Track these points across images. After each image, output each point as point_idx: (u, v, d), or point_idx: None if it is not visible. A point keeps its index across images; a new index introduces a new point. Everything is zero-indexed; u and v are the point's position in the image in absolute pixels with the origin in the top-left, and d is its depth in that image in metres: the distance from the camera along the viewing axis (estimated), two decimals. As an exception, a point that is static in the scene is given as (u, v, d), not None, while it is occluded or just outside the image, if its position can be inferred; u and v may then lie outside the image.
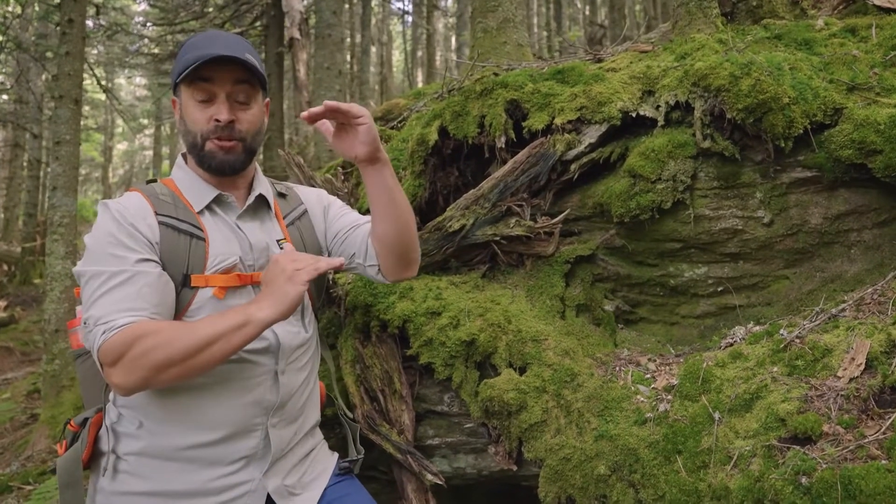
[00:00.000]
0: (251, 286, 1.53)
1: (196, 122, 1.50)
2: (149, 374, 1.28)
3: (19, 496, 4.24)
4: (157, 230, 1.44)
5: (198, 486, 1.46)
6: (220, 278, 1.47)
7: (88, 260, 1.41)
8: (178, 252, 1.45)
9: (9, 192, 17.17)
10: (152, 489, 1.46)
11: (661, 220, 2.28)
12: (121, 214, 1.43)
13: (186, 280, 1.45)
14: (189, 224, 1.49)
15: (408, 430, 2.20)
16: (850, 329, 1.79)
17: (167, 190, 1.54)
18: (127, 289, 1.34)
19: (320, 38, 8.02)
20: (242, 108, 1.52)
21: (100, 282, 1.35)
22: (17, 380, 7.78)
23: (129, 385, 1.30)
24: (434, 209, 2.71)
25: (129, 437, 1.49)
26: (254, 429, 1.51)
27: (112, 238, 1.39)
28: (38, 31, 14.02)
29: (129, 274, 1.36)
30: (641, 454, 1.78)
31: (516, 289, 2.43)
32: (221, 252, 1.50)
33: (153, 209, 1.47)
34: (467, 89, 2.59)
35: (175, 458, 1.46)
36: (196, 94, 1.49)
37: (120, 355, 1.28)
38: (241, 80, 1.50)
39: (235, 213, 1.59)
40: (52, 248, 5.27)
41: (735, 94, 2.12)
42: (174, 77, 1.52)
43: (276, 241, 1.62)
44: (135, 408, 1.49)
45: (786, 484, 1.47)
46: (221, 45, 1.46)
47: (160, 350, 1.27)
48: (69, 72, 5.40)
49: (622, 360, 2.22)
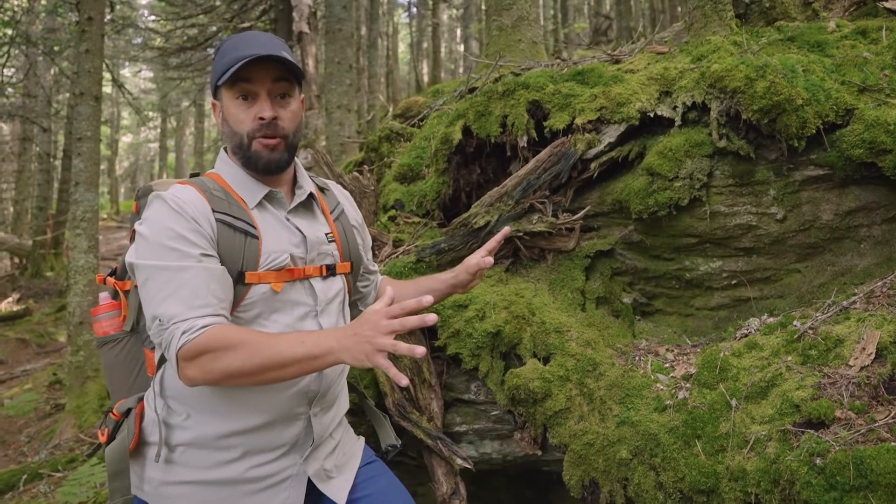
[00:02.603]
0: (302, 280, 1.57)
1: (241, 122, 1.53)
2: (222, 377, 1.33)
3: (49, 482, 4.38)
4: (215, 227, 1.46)
5: (243, 474, 1.52)
6: (273, 275, 1.51)
7: (148, 252, 1.40)
8: (233, 249, 1.47)
9: (18, 186, 17.32)
10: (200, 478, 1.51)
11: (678, 216, 2.38)
12: (181, 208, 1.43)
13: (241, 277, 1.47)
14: (243, 221, 1.51)
15: (437, 417, 2.31)
16: (861, 320, 1.89)
17: (218, 185, 1.56)
18: (197, 285, 1.37)
19: (330, 32, 8.08)
20: (283, 104, 1.56)
21: (166, 277, 1.37)
22: (35, 371, 7.92)
23: (200, 381, 1.35)
24: (457, 205, 2.81)
25: (179, 428, 1.53)
26: (297, 418, 1.57)
27: (173, 232, 1.40)
28: (46, 26, 14.08)
29: (198, 269, 1.38)
30: (662, 439, 1.88)
31: (539, 282, 2.53)
32: (274, 249, 1.53)
33: (210, 205, 1.48)
34: (490, 90, 2.68)
35: (221, 448, 1.51)
36: (237, 94, 1.53)
37: (199, 355, 1.32)
38: (280, 78, 1.54)
39: (285, 208, 1.62)
40: (75, 243, 5.38)
41: (750, 95, 2.21)
42: (214, 80, 1.56)
43: (325, 235, 1.66)
44: (183, 400, 1.53)
45: (801, 465, 1.58)
46: (259, 45, 1.51)
47: (239, 360, 1.31)
48: (89, 69, 5.50)
49: (641, 350, 2.32)
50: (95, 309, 1.76)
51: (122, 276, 1.73)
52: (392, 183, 3.17)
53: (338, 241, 1.70)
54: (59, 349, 8.81)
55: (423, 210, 2.93)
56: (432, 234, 2.79)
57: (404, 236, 2.87)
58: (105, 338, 1.72)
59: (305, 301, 1.58)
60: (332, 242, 1.67)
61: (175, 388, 1.54)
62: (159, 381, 1.57)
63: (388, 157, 3.47)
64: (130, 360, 1.72)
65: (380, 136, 3.63)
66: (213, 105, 1.63)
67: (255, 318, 1.50)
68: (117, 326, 1.73)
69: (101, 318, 1.74)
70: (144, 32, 15.11)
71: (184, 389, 1.52)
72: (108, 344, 1.71)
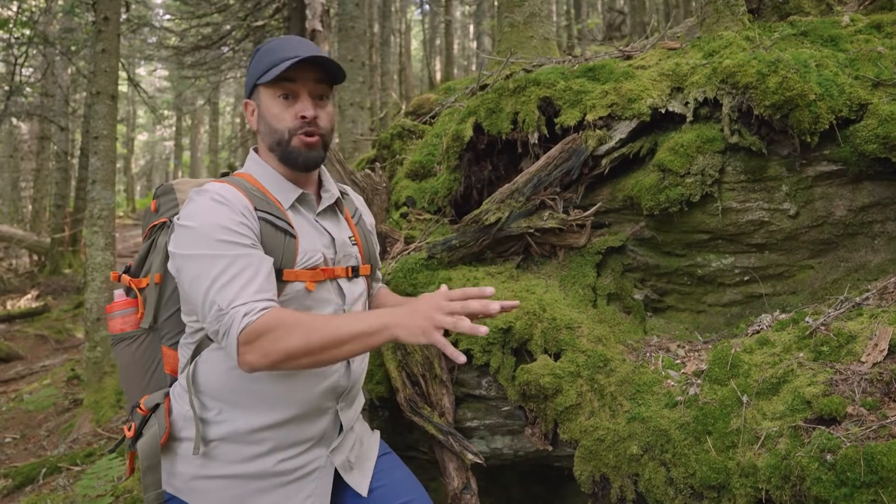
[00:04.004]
0: (332, 280, 1.62)
1: (282, 120, 1.59)
2: (282, 358, 1.34)
3: (68, 476, 4.45)
4: (258, 224, 1.51)
5: (273, 467, 1.55)
6: (308, 273, 1.55)
7: (198, 243, 1.43)
8: (274, 247, 1.52)
9: (36, 184, 17.57)
10: (233, 472, 1.55)
11: (690, 212, 2.38)
12: (228, 202, 1.48)
13: (279, 274, 1.51)
14: (283, 221, 1.56)
15: (448, 412, 2.33)
16: (874, 317, 1.89)
17: (254, 186, 1.60)
18: (253, 272, 1.40)
19: (343, 30, 8.12)
20: (321, 105, 1.62)
21: (222, 265, 1.39)
22: (54, 367, 8.05)
23: (260, 365, 1.36)
24: (469, 202, 2.82)
25: (213, 423, 1.56)
26: (325, 412, 1.62)
27: (224, 224, 1.44)
28: (63, 25, 14.24)
29: (253, 257, 1.42)
30: (672, 435, 1.88)
31: (549, 279, 2.54)
32: (309, 249, 1.58)
33: (251, 204, 1.53)
34: (500, 87, 2.69)
35: (253, 442, 1.55)
36: (280, 93, 1.58)
37: (260, 336, 1.34)
38: (321, 80, 1.61)
39: (314, 210, 1.68)
40: (93, 240, 5.46)
41: (762, 91, 2.20)
42: (253, 80, 1.62)
43: (348, 238, 1.71)
44: (215, 396, 1.56)
45: (811, 461, 1.58)
46: (302, 48, 1.57)
47: (300, 339, 1.33)
48: (105, 69, 5.57)
49: (652, 346, 2.32)
50: (110, 306, 1.79)
51: (136, 274, 1.77)
52: (404, 180, 3.19)
53: (359, 244, 1.76)
54: (77, 345, 8.94)
55: (434, 207, 2.94)
56: (443, 231, 2.80)
57: (416, 233, 2.89)
58: (120, 335, 1.75)
59: (335, 300, 1.63)
60: (354, 245, 1.74)
61: (207, 384, 1.57)
62: (190, 377, 1.59)
63: (400, 154, 3.49)
64: (147, 357, 1.75)
65: (392, 134, 3.65)
66: (247, 104, 1.68)
67: None
68: (132, 324, 1.76)
69: (116, 316, 1.77)
70: (159, 31, 15.25)
71: (216, 385, 1.56)
72: (124, 341, 1.74)
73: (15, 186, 20.63)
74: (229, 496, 1.55)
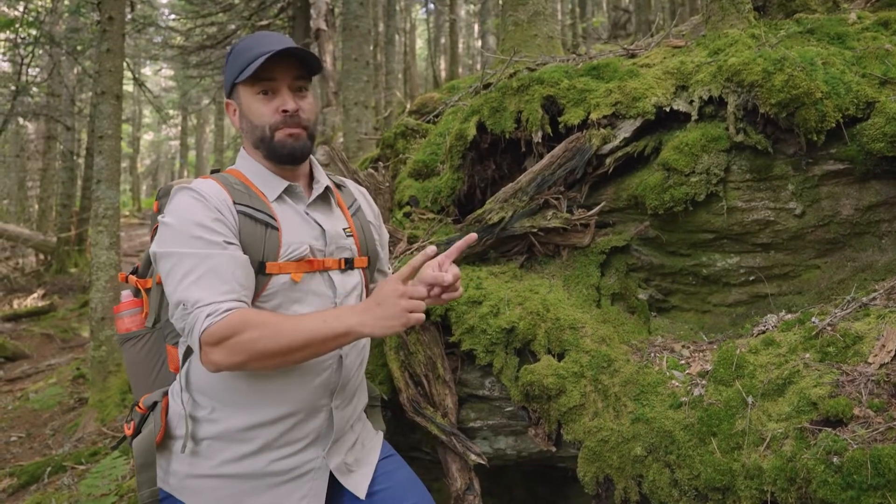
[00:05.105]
0: (321, 272, 1.61)
1: (262, 116, 1.58)
2: (249, 359, 1.36)
3: (73, 475, 4.46)
4: (237, 218, 1.50)
5: (265, 468, 1.55)
6: (293, 265, 1.54)
7: (172, 241, 1.43)
8: (255, 240, 1.51)
9: (43, 184, 17.65)
10: (225, 472, 1.54)
11: (695, 211, 2.36)
12: (204, 198, 1.48)
13: (262, 267, 1.51)
14: (264, 213, 1.55)
15: (451, 412, 2.32)
16: (881, 317, 1.86)
17: (238, 180, 1.60)
18: (221, 271, 1.40)
19: (347, 29, 8.11)
20: (301, 96, 1.61)
21: (191, 264, 1.40)
22: (60, 365, 8.07)
23: (227, 366, 1.38)
24: (472, 201, 2.81)
25: (206, 421, 1.56)
26: (319, 410, 1.60)
27: (197, 221, 1.44)
28: (69, 25, 14.29)
29: (222, 256, 1.41)
30: (677, 436, 1.87)
31: (553, 278, 2.53)
32: (294, 240, 1.56)
33: (231, 198, 1.53)
34: (504, 85, 2.68)
35: (245, 440, 1.54)
36: (259, 90, 1.57)
37: (224, 338, 1.35)
38: (299, 72, 1.59)
39: (304, 202, 1.66)
40: (97, 240, 5.47)
41: (768, 89, 2.18)
42: (232, 79, 1.60)
43: (343, 230, 1.69)
44: (208, 394, 1.56)
45: (817, 463, 1.56)
46: (275, 42, 1.56)
47: (265, 340, 1.35)
48: (110, 68, 5.58)
49: (657, 346, 2.31)
50: (118, 306, 1.82)
51: (143, 274, 1.79)
52: (407, 179, 3.18)
53: (355, 236, 1.74)
54: (82, 344, 8.97)
55: (437, 206, 2.93)
56: (447, 230, 2.79)
57: (419, 232, 2.88)
58: (127, 334, 1.77)
59: (325, 292, 1.61)
60: (349, 237, 1.71)
61: (200, 382, 1.57)
62: (185, 376, 1.60)
63: (404, 153, 3.48)
64: (152, 356, 1.77)
65: (395, 133, 3.65)
66: (227, 105, 1.67)
67: (275, 308, 1.53)
68: (139, 323, 1.79)
69: (124, 315, 1.79)
70: (164, 31, 15.28)
71: (209, 383, 1.55)
72: (131, 340, 1.77)
73: (22, 186, 20.73)
74: (222, 495, 1.55)
